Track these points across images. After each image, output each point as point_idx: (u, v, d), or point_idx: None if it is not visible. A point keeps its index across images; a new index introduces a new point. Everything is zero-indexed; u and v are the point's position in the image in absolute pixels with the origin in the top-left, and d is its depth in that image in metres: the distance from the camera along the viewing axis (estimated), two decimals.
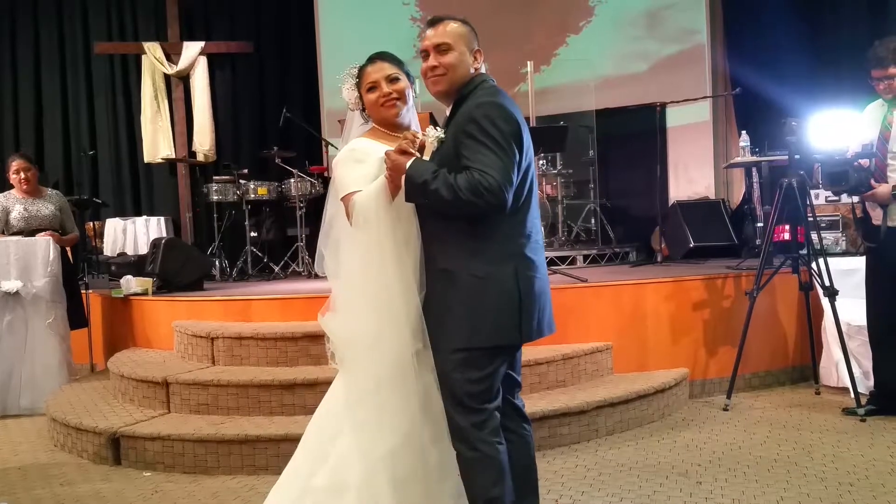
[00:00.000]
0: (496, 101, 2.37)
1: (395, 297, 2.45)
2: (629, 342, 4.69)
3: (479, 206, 2.27)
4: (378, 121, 2.62)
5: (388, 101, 2.57)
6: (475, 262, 2.37)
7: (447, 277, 2.41)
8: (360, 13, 8.88)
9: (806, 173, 4.51)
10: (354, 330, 2.52)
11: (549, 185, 7.33)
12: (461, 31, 2.49)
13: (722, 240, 6.80)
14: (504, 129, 2.32)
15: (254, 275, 7.20)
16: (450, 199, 2.28)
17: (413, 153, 2.38)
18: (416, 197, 2.37)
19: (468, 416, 2.39)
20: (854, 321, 4.55)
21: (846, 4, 7.03)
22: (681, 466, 3.59)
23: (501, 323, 2.37)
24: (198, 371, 4.48)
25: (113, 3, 9.16)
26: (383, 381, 2.47)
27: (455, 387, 2.40)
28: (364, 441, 2.47)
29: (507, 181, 2.28)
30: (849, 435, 3.95)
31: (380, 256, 2.45)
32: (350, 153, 2.57)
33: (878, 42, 4.03)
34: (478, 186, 2.25)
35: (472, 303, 2.37)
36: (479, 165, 2.27)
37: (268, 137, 8.58)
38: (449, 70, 2.46)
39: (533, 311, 2.42)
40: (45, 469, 4.02)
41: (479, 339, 2.37)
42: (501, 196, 2.27)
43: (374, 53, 2.65)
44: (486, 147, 2.29)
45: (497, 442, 2.42)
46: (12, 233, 5.49)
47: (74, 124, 9.19)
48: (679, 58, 8.04)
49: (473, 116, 2.34)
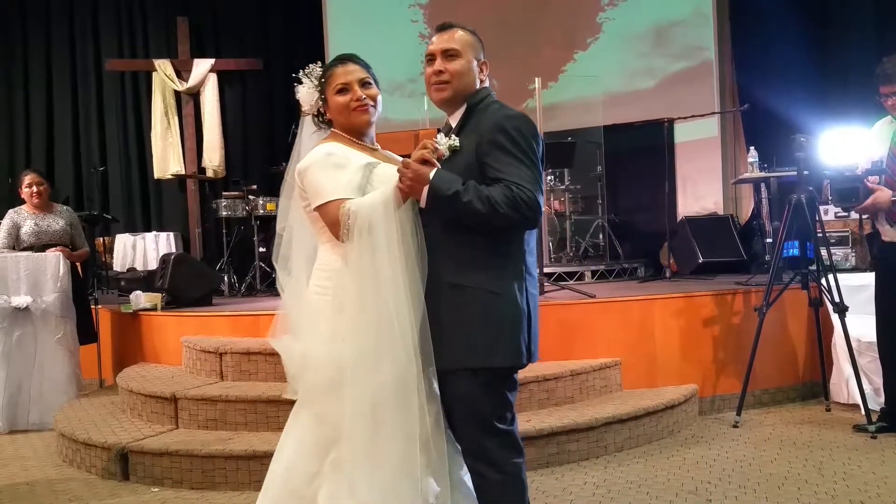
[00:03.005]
0: (524, 115, 2.32)
1: (402, 314, 2.27)
2: (638, 358, 4.67)
3: (516, 220, 2.22)
4: (344, 126, 2.45)
5: (361, 105, 2.42)
6: (491, 277, 2.29)
7: (458, 293, 2.30)
8: (369, 30, 8.95)
9: (815, 189, 4.50)
10: (347, 352, 2.29)
11: (557, 200, 7.34)
12: (470, 40, 2.43)
13: (731, 255, 6.78)
14: (533, 144, 2.28)
15: (262, 290, 7.21)
16: (485, 213, 2.20)
17: (435, 163, 2.27)
18: (446, 209, 2.25)
19: (494, 438, 2.32)
20: (864, 337, 4.53)
21: (854, 20, 7.04)
22: (690, 484, 3.56)
23: (515, 342, 2.31)
24: (206, 386, 4.49)
25: (124, 21, 9.25)
26: (377, 406, 2.27)
27: (485, 409, 2.31)
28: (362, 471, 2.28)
29: (540, 195, 2.25)
30: (859, 452, 3.92)
31: (380, 269, 2.27)
32: (327, 158, 2.36)
33: (885, 58, 4.02)
34: (517, 200, 2.19)
35: (487, 320, 2.28)
36: (516, 179, 2.21)
37: (277, 153, 8.62)
38: (455, 77, 2.38)
39: (535, 330, 2.38)
40: (53, 484, 4.02)
41: (495, 360, 2.29)
42: (537, 210, 2.23)
43: (344, 55, 2.51)
44: (519, 160, 2.24)
45: (520, 460, 2.37)
46: (23, 248, 5.52)
47: (85, 140, 9.25)
48: (687, 74, 8.06)
49: (504, 127, 2.27)
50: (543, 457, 3.87)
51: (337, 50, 9.08)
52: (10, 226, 5.56)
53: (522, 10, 8.64)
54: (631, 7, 8.28)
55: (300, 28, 9.35)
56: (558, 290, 5.39)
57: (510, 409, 2.37)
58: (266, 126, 9.31)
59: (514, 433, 2.37)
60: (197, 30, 9.14)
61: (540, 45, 8.60)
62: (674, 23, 8.12)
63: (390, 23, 8.97)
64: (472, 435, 2.34)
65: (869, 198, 4.02)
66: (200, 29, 9.20)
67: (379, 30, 8.90)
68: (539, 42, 8.61)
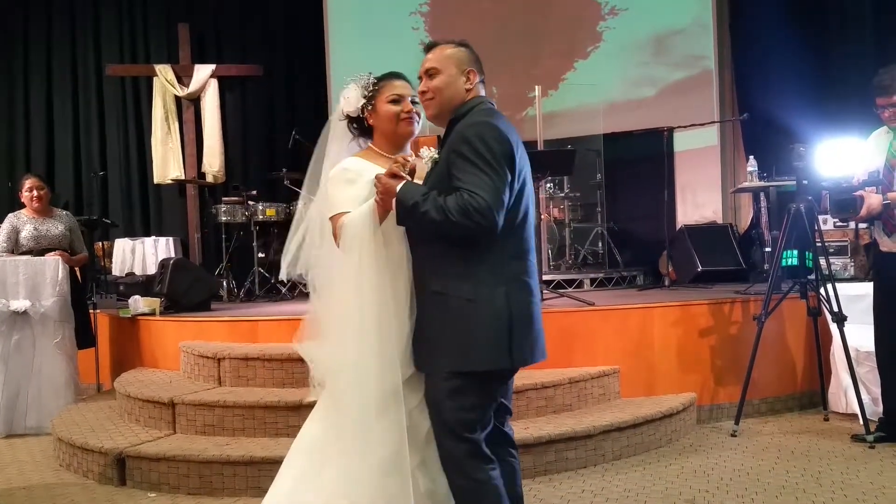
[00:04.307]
0: (489, 122, 2.34)
1: (385, 322, 2.40)
2: (636, 366, 4.67)
3: (469, 227, 2.23)
4: (387, 133, 2.61)
5: (409, 117, 2.58)
6: (464, 284, 2.32)
7: (439, 300, 2.36)
8: (370, 37, 8.97)
9: (814, 199, 4.51)
10: (340, 356, 2.46)
11: (556, 208, 7.35)
12: (450, 54, 2.49)
13: (730, 264, 6.79)
14: (496, 149, 2.28)
15: (261, 295, 7.21)
16: (439, 221, 2.25)
17: (404, 176, 2.36)
18: (407, 220, 2.35)
19: (461, 445, 2.35)
20: (863, 347, 4.53)
21: (853, 30, 7.06)
22: (688, 493, 3.56)
23: (491, 347, 2.32)
24: (204, 392, 4.48)
25: (125, 26, 9.28)
26: (372, 408, 2.39)
27: (447, 414, 2.35)
28: (348, 470, 2.41)
29: (498, 203, 2.25)
30: (858, 462, 3.92)
31: (368, 279, 2.41)
32: (342, 173, 2.54)
33: (882, 69, 4.04)
34: (467, 207, 2.21)
35: (461, 326, 2.32)
36: (470, 186, 2.24)
37: (277, 159, 8.64)
38: (436, 94, 2.47)
39: (525, 336, 2.37)
40: (50, 489, 4.01)
41: (469, 364, 2.32)
42: (491, 217, 2.23)
43: (399, 72, 2.67)
44: (477, 168, 2.26)
45: (491, 468, 2.37)
46: (22, 252, 5.52)
47: (85, 145, 9.27)
48: (687, 83, 8.09)
49: (466, 136, 2.31)
50: (541, 464, 3.87)
51: (338, 57, 9.17)
52: (10, 230, 5.57)
53: (523, 18, 8.66)
54: (631, 16, 8.31)
55: (301, 34, 9.38)
56: (557, 298, 5.39)
57: (483, 417, 2.37)
58: (266, 132, 9.33)
59: (484, 440, 2.37)
60: (198, 35, 9.17)
61: (540, 54, 8.62)
62: (674, 32, 8.14)
63: (391, 30, 9.00)
64: (440, 439, 2.40)
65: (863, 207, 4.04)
66: (201, 34, 9.23)
67: (380, 37, 8.92)
68: (539, 51, 8.63)
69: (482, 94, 2.53)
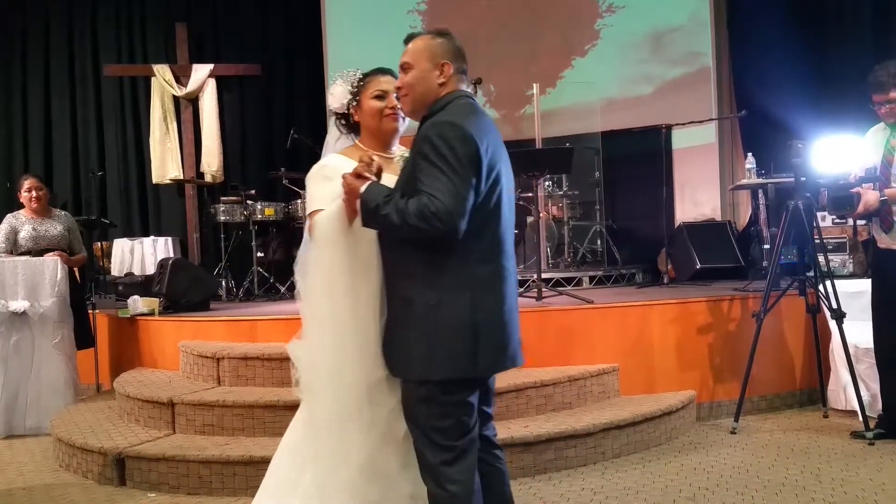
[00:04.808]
0: (452, 121, 2.24)
1: (357, 322, 2.37)
2: (636, 364, 4.68)
3: (428, 232, 2.15)
4: (372, 130, 2.58)
5: (393, 113, 2.55)
6: (428, 289, 2.25)
7: (405, 305, 2.30)
8: (368, 35, 8.95)
9: (812, 195, 4.51)
10: (317, 355, 2.43)
11: (555, 206, 7.35)
12: (423, 46, 2.39)
13: (728, 262, 6.79)
14: (459, 150, 2.18)
15: (260, 295, 7.20)
16: (399, 225, 2.18)
17: (368, 177, 2.29)
18: (370, 222, 2.28)
19: (437, 454, 2.27)
20: (862, 344, 4.53)
21: (851, 28, 7.07)
22: (688, 490, 3.56)
23: (454, 355, 2.24)
24: (203, 392, 4.48)
25: (123, 26, 9.26)
26: (346, 409, 2.37)
27: (421, 420, 2.29)
28: (326, 470, 2.39)
29: (459, 206, 2.15)
30: (857, 458, 3.92)
31: (339, 279, 2.38)
32: (320, 169, 2.53)
33: (877, 66, 4.04)
34: (425, 212, 2.13)
35: (424, 333, 2.25)
36: (430, 189, 2.15)
37: (275, 158, 8.63)
38: (409, 90, 2.39)
39: (492, 343, 2.29)
40: (50, 490, 4.01)
41: (430, 372, 2.25)
42: (450, 222, 2.14)
43: (385, 68, 2.62)
44: (438, 170, 2.17)
45: (469, 481, 2.28)
46: (20, 252, 5.52)
47: (83, 145, 9.26)
48: (684, 80, 8.09)
49: (428, 136, 2.22)
50: (541, 462, 3.87)
51: (336, 56, 9.16)
52: (9, 230, 5.57)
53: (521, 16, 8.65)
54: (629, 14, 8.31)
55: (299, 34, 9.37)
56: (556, 296, 5.40)
57: (458, 425, 2.29)
58: (264, 131, 9.31)
59: (465, 452, 2.29)
60: (196, 35, 9.15)
61: (538, 52, 8.62)
62: (671, 29, 8.14)
63: (389, 29, 8.96)
64: (416, 445, 2.34)
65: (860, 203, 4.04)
66: (199, 34, 9.21)
67: (378, 36, 8.90)
68: (537, 49, 8.62)
69: (461, 87, 2.42)
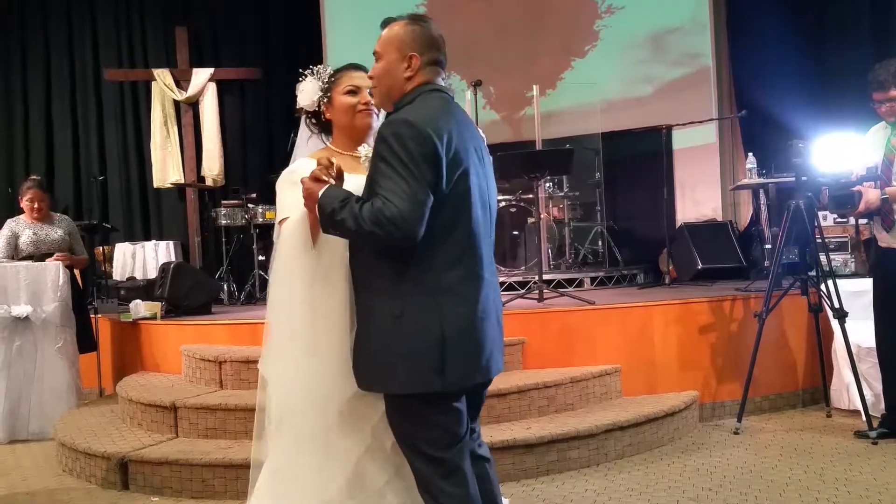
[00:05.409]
0: (407, 118, 2.09)
1: (317, 336, 2.26)
2: (638, 365, 4.67)
3: (382, 237, 2.02)
4: (345, 127, 2.48)
5: (367, 109, 2.45)
6: (391, 298, 2.12)
7: (368, 315, 2.18)
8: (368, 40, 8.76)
9: (813, 195, 4.51)
10: (285, 368, 2.32)
11: (555, 207, 7.35)
12: (392, 35, 2.26)
13: (730, 262, 6.79)
14: (413, 149, 2.04)
15: (261, 298, 7.20)
16: (354, 230, 2.05)
17: (326, 180, 2.16)
18: (328, 228, 2.13)
19: (427, 464, 2.18)
20: (864, 343, 4.52)
21: (850, 27, 7.06)
22: (691, 491, 3.56)
23: (418, 368, 2.10)
24: (206, 395, 4.48)
25: (123, 31, 9.26)
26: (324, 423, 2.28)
27: (405, 433, 2.20)
28: (310, 488, 2.29)
29: (415, 210, 2.02)
30: (860, 458, 3.92)
31: (299, 290, 2.27)
32: (288, 175, 2.41)
33: (878, 65, 4.04)
34: (379, 216, 2.00)
35: (387, 345, 2.13)
36: (384, 192, 2.03)
37: (276, 162, 8.62)
38: (377, 81, 2.28)
39: (462, 354, 2.14)
40: (53, 494, 4.01)
41: (392, 387, 2.14)
42: (405, 227, 2.01)
43: (357, 63, 2.54)
44: (393, 171, 2.04)
45: (465, 494, 2.17)
46: (22, 257, 5.52)
47: (84, 150, 9.25)
48: (685, 81, 8.08)
49: (383, 135, 2.10)
50: (544, 464, 3.87)
51: (336, 60, 9.08)
52: (9, 235, 5.57)
53: (520, 18, 8.64)
54: (628, 14, 8.30)
55: (299, 37, 9.36)
56: (558, 297, 5.40)
57: (444, 435, 2.18)
58: (265, 135, 9.31)
59: (458, 462, 2.19)
60: (196, 39, 9.15)
61: (538, 53, 8.61)
62: (671, 30, 8.14)
63: None
64: (406, 456, 2.25)
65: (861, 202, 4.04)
66: (199, 38, 9.21)
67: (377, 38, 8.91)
68: (537, 50, 8.62)
69: (432, 78, 2.27)
